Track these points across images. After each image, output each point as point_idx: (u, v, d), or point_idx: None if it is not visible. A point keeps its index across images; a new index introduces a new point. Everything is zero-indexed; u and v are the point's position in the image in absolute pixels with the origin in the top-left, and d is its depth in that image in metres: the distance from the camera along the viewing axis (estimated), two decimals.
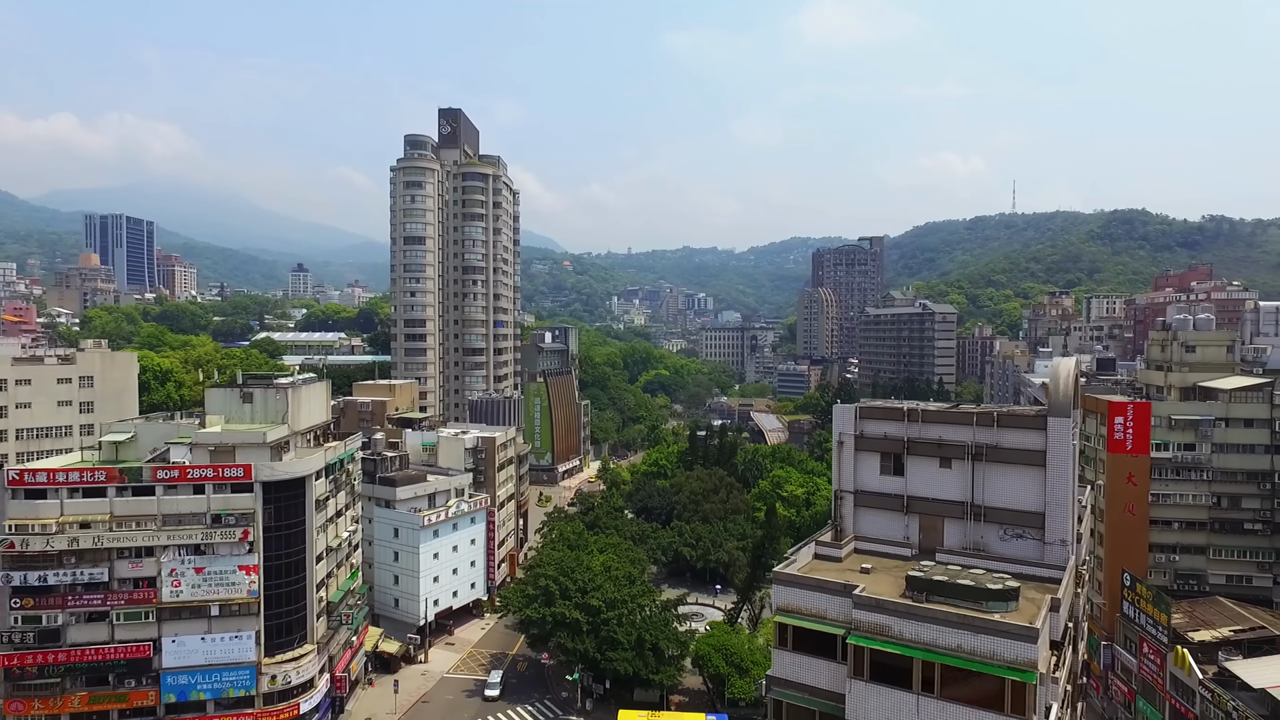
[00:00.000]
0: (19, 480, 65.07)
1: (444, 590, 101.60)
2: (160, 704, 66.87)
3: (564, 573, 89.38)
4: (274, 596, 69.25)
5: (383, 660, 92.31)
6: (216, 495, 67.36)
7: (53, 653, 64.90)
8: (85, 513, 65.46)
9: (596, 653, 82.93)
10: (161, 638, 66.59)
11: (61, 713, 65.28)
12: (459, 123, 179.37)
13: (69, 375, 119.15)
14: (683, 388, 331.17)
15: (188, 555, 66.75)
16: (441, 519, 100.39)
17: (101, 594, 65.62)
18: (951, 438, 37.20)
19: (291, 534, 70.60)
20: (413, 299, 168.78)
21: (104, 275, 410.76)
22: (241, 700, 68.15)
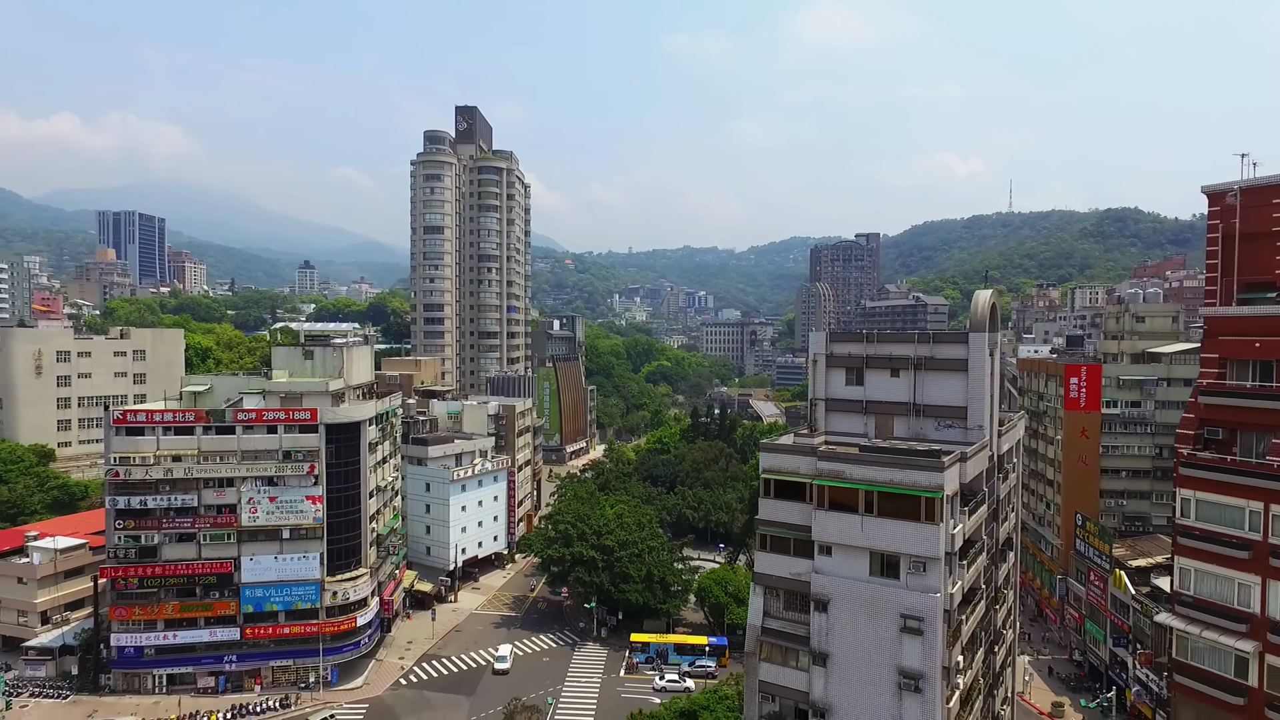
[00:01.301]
0: (122, 419, 76.10)
1: (470, 540, 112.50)
2: (239, 613, 77.81)
3: (581, 519, 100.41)
4: (334, 524, 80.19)
5: (417, 599, 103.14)
6: (287, 435, 78.36)
7: (150, 567, 75.90)
8: (177, 448, 76.45)
9: (610, 586, 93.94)
10: (241, 557, 77.54)
11: (158, 618, 76.29)
12: (474, 119, 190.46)
13: (124, 349, 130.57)
14: (684, 378, 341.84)
15: (263, 486, 77.71)
16: (468, 475, 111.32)
17: (190, 518, 76.59)
18: (899, 353, 48.02)
19: (348, 471, 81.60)
20: (432, 285, 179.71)
21: (120, 269, 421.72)
22: (307, 612, 79.06)
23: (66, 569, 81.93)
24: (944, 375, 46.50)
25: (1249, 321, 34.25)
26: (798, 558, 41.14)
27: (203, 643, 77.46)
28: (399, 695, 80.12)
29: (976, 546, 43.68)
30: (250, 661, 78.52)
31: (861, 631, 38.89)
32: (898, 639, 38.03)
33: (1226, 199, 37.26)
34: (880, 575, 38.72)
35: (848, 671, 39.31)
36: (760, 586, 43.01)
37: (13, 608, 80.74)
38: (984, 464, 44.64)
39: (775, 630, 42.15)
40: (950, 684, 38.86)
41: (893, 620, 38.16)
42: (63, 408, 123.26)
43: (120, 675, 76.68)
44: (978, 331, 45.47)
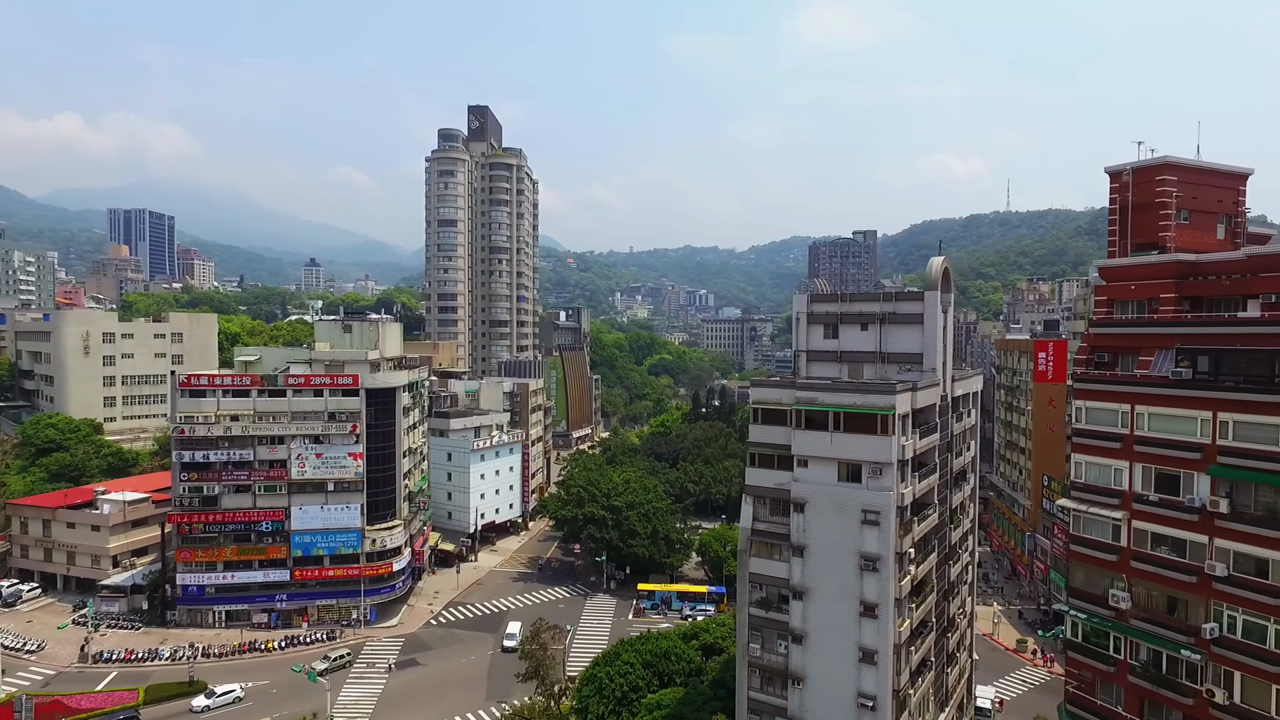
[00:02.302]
0: (186, 383, 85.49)
1: (489, 506, 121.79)
2: (290, 557, 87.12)
3: (591, 484, 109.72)
4: (373, 479, 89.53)
5: (441, 558, 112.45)
6: (332, 398, 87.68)
7: (211, 515, 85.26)
8: (235, 409, 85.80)
9: (619, 542, 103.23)
10: (290, 506, 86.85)
11: (217, 560, 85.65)
12: (486, 118, 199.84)
13: (163, 332, 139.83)
14: (685, 371, 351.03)
15: (310, 443, 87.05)
16: (487, 446, 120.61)
17: (246, 471, 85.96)
18: (867, 310, 57.16)
19: (385, 431, 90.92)
20: (445, 275, 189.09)
21: (133, 266, 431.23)
22: (349, 557, 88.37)
23: (133, 519, 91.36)
24: (904, 328, 55.74)
25: (1127, 269, 43.35)
26: (780, 470, 50.38)
27: (257, 583, 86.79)
28: (430, 632, 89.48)
29: (928, 466, 52.92)
30: (299, 600, 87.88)
31: (831, 526, 48.13)
32: (860, 530, 47.26)
33: (1123, 177, 46.31)
34: (846, 481, 47.93)
35: (820, 559, 48.57)
36: (750, 496, 52.31)
37: (87, 553, 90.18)
38: (935, 398, 53.87)
39: (763, 530, 51.45)
40: (903, 569, 48.07)
41: (856, 516, 47.40)
42: (108, 385, 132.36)
43: (184, 611, 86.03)
44: (931, 290, 54.76)
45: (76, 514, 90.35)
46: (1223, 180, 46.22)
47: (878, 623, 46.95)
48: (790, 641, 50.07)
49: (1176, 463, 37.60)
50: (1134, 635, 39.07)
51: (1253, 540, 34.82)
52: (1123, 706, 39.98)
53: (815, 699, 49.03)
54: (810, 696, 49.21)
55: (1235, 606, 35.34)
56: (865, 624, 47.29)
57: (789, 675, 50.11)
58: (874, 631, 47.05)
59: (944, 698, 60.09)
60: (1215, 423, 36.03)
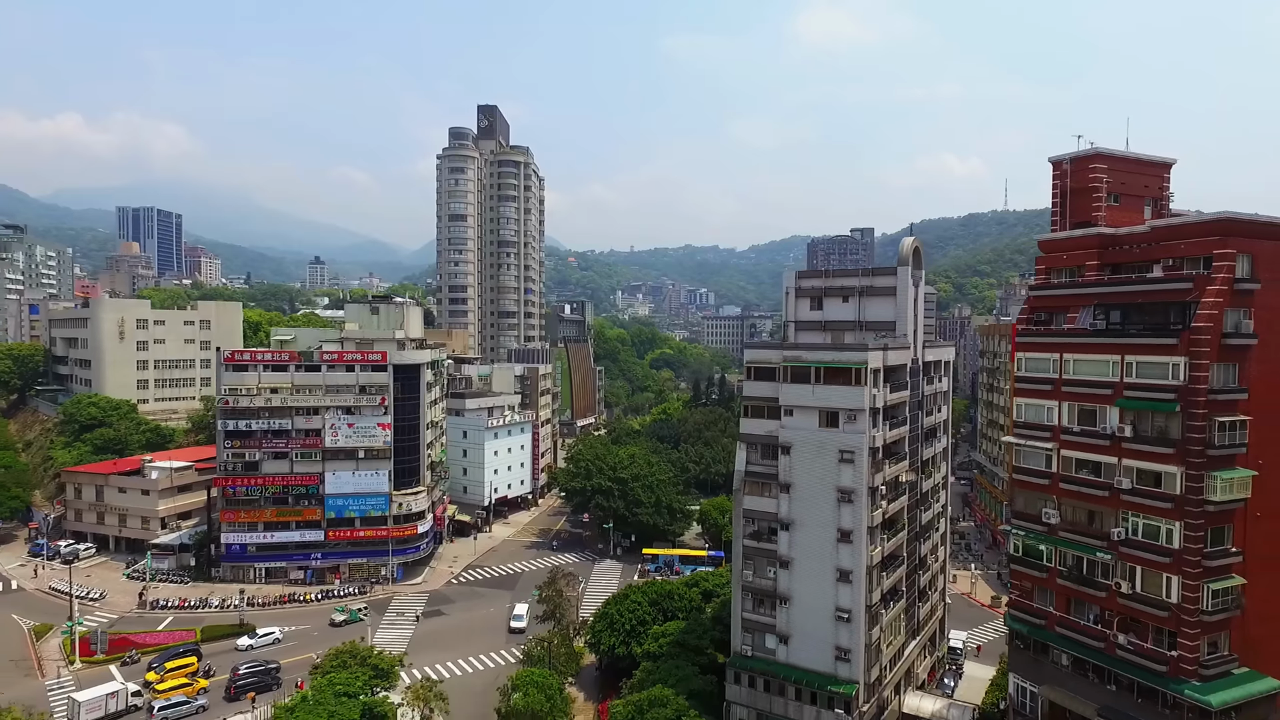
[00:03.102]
0: (231, 358, 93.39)
1: (501, 481, 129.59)
2: (324, 519, 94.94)
3: (599, 458, 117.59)
4: (399, 448, 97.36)
5: (458, 528, 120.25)
6: (362, 373, 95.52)
7: (253, 479, 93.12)
8: (274, 382, 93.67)
9: (625, 511, 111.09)
10: (324, 472, 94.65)
11: (258, 521, 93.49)
12: (494, 117, 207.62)
13: (193, 319, 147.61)
14: (686, 365, 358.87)
15: (343, 414, 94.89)
16: (499, 425, 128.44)
17: (284, 439, 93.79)
18: (848, 284, 65.00)
19: (410, 404, 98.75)
20: (455, 268, 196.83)
21: (144, 262, 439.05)
22: (378, 519, 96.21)
23: (179, 484, 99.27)
24: (880, 299, 63.71)
25: (1060, 242, 50.97)
26: (769, 419, 58.24)
27: (294, 542, 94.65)
28: (452, 589, 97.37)
29: (899, 418, 60.84)
30: (332, 559, 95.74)
31: (813, 466, 55.96)
32: (837, 468, 55.11)
33: (1062, 166, 53.88)
34: (826, 427, 55.76)
35: (804, 495, 56.41)
36: (743, 443, 60.26)
37: (138, 515, 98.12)
38: (906, 360, 61.77)
39: (754, 472, 59.36)
40: (875, 503, 55.94)
41: (834, 456, 55.24)
42: (141, 369, 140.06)
43: (228, 567, 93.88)
44: (903, 266, 62.74)
45: (128, 480, 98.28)
46: (1148, 169, 54.03)
47: (853, 547, 54.88)
48: (778, 567, 58.01)
49: (1094, 399, 45.28)
50: (1061, 545, 46.73)
51: (1150, 458, 42.48)
52: (1054, 606, 47.63)
53: (800, 615, 56.95)
54: (796, 613, 57.13)
55: (1137, 513, 42.97)
56: (842, 549, 55.24)
57: (777, 596, 58.04)
58: (850, 555, 54.98)
59: (915, 628, 68.04)
60: (1123, 364, 43.69)
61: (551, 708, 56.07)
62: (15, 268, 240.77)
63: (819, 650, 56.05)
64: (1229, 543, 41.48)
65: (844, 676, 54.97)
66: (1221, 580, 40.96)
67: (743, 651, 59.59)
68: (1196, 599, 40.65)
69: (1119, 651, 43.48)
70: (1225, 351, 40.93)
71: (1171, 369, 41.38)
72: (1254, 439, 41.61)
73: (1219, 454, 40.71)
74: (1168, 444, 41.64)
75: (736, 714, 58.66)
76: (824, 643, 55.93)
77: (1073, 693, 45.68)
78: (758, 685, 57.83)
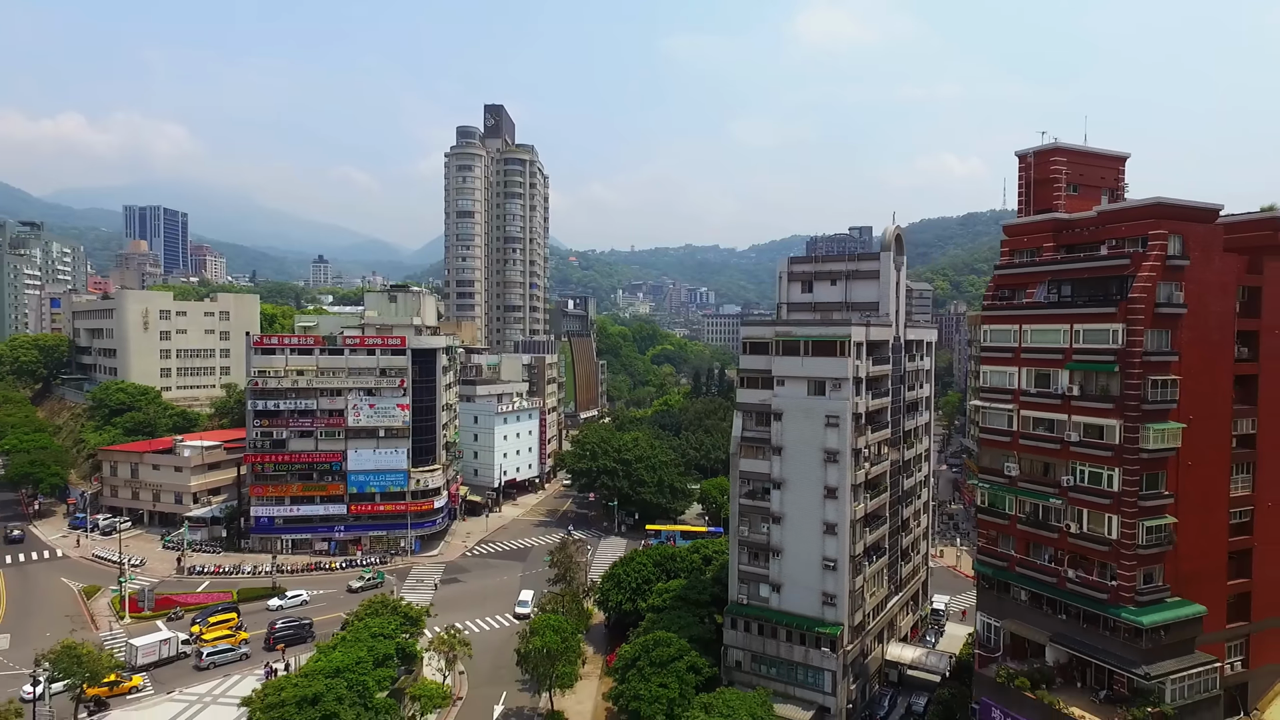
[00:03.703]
0: (260, 342, 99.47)
1: (510, 465, 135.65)
2: (346, 494, 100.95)
3: (604, 442, 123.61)
4: (417, 427, 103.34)
5: (470, 507, 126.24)
6: (383, 357, 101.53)
7: (280, 456, 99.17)
8: (300, 365, 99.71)
9: (629, 490, 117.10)
10: (347, 450, 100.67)
11: (285, 495, 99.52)
12: (500, 117, 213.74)
13: (213, 310, 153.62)
14: (686, 361, 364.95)
15: (364, 395, 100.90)
16: (509, 410, 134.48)
17: (310, 419, 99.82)
18: (836, 268, 70.95)
19: (427, 387, 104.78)
20: (463, 263, 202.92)
21: (151, 260, 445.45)
22: (397, 494, 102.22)
23: (209, 462, 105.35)
24: (865, 282, 69.73)
25: (1021, 227, 56.83)
26: (763, 390, 64.25)
27: (318, 515, 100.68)
28: (467, 560, 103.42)
29: (881, 389, 66.87)
30: (354, 531, 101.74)
31: (802, 430, 61.96)
32: (824, 432, 61.10)
33: (1027, 159, 59.83)
34: (814, 394, 61.76)
35: (793, 456, 62.40)
36: (740, 412, 66.27)
37: (171, 490, 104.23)
38: (888, 336, 67.81)
39: (749, 437, 65.37)
40: (858, 463, 61.96)
41: (821, 420, 61.23)
42: (165, 358, 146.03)
43: (257, 539, 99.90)
44: (886, 251, 68.79)
45: (162, 458, 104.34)
46: (1104, 161, 59.99)
47: (838, 503, 60.91)
48: (771, 523, 64.05)
49: (1047, 363, 51.13)
50: (1020, 494, 52.58)
51: (1094, 413, 48.33)
52: (1014, 550, 53.48)
53: (790, 565, 62.98)
54: (786, 564, 63.16)
55: (1084, 462, 48.81)
56: (828, 504, 61.26)
57: (770, 549, 64.06)
58: (835, 510, 61.02)
59: (898, 584, 74.06)
60: (1071, 332, 49.53)
61: (566, 648, 62.00)
62: (32, 263, 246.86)
63: (807, 597, 62.05)
64: (1162, 487, 47.39)
65: (830, 619, 60.98)
66: (1155, 519, 46.87)
67: (739, 600, 65.61)
68: (1133, 535, 46.56)
69: (1068, 585, 49.38)
70: (1158, 319, 46.86)
71: (1112, 334, 47.30)
72: (1185, 396, 47.53)
73: (1153, 408, 46.63)
74: (1109, 400, 47.56)
75: (733, 656, 64.65)
76: (812, 590, 61.93)
77: (1029, 624, 51.57)
78: (752, 629, 63.84)
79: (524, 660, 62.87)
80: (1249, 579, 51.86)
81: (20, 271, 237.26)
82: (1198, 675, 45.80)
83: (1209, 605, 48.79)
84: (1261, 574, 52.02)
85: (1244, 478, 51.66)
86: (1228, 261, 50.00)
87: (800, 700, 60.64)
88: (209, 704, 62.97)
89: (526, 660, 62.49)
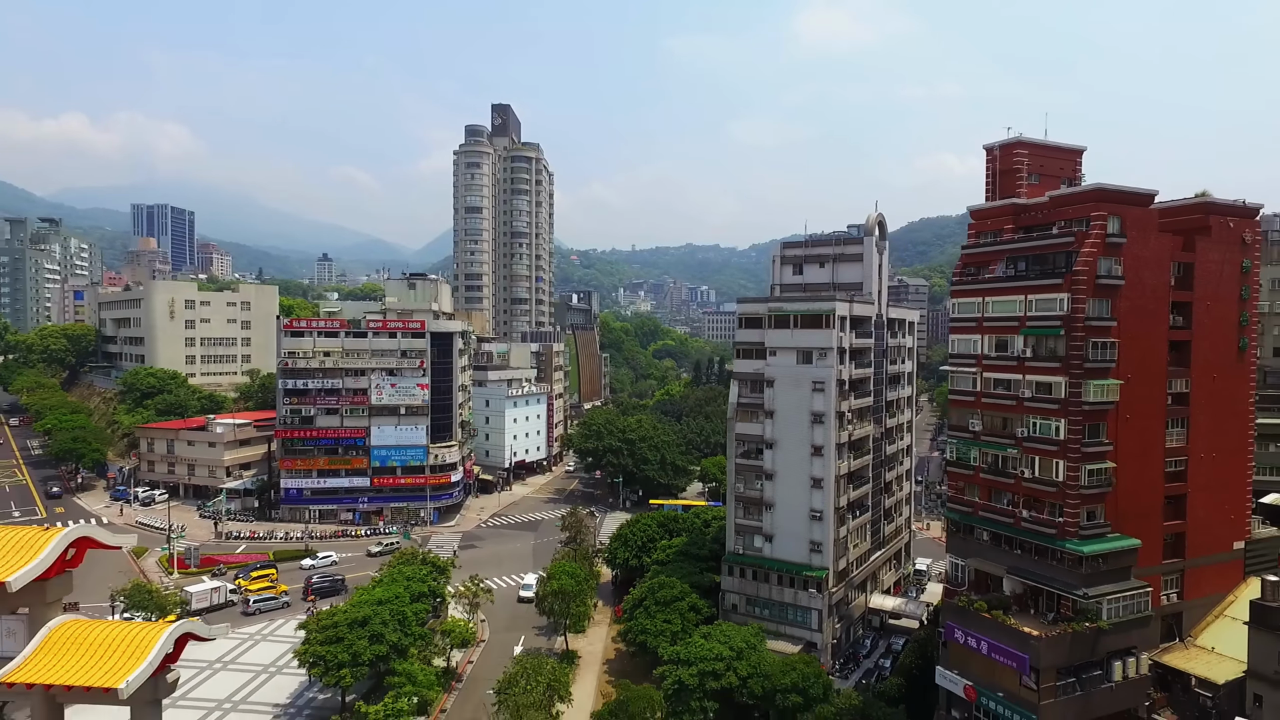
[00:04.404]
0: (289, 325, 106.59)
1: (520, 447, 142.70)
2: (369, 468, 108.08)
3: (609, 423, 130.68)
4: (435, 406, 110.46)
5: (482, 485, 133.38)
6: (404, 339, 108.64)
7: (308, 431, 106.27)
8: (327, 347, 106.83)
9: (634, 467, 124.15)
10: (370, 426, 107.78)
11: (312, 469, 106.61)
12: (508, 116, 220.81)
13: (235, 300, 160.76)
14: (687, 356, 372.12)
15: (386, 375, 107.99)
16: (518, 394, 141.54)
17: (335, 397, 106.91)
18: (824, 252, 77.96)
19: (445, 368, 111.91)
20: (471, 257, 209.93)
21: (161, 257, 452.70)
22: (417, 468, 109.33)
23: (241, 438, 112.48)
24: (850, 264, 76.79)
25: (985, 211, 63.64)
26: (757, 360, 71.31)
27: (343, 488, 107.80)
28: (482, 530, 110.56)
29: (864, 360, 73.90)
30: (376, 503, 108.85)
31: (792, 395, 68.98)
32: (811, 396, 68.13)
33: (994, 152, 66.67)
34: (802, 363, 68.81)
35: (784, 419, 69.45)
36: (735, 380, 73.35)
37: (205, 465, 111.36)
38: (870, 313, 74.88)
39: (745, 403, 72.44)
40: (842, 425, 69.00)
41: (808, 386, 68.27)
42: (189, 345, 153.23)
43: (286, 509, 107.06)
44: (869, 236, 75.86)
45: (197, 434, 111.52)
46: (1062, 154, 66.83)
47: (823, 460, 68.00)
48: (764, 479, 71.12)
49: (1006, 330, 57.96)
50: (983, 447, 59.40)
51: (1044, 372, 55.14)
52: (978, 497, 60.34)
53: (781, 517, 70.05)
54: (777, 516, 70.24)
55: (1036, 415, 55.62)
56: (815, 461, 68.35)
57: (763, 503, 71.16)
58: (821, 466, 68.11)
59: (880, 541, 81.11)
60: (1026, 302, 56.40)
61: (579, 590, 69.06)
62: (52, 258, 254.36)
63: (797, 545, 69.11)
64: (1103, 436, 54.22)
65: (817, 564, 68.03)
66: (1096, 464, 53.69)
67: (735, 550, 72.67)
68: (1077, 478, 53.40)
69: (1023, 524, 56.17)
70: (1099, 289, 53.68)
71: (1059, 303, 54.14)
72: (1123, 357, 54.39)
73: (1094, 367, 53.47)
74: (1056, 360, 54.43)
75: (730, 600, 71.72)
76: (800, 539, 68.99)
77: (990, 560, 58.35)
78: (747, 575, 70.93)
79: (541, 602, 69.95)
80: (1184, 521, 58.71)
81: (41, 266, 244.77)
82: (1131, 598, 52.64)
83: (1147, 543, 55.66)
84: (1195, 516, 58.86)
85: (1179, 431, 58.52)
86: (1163, 240, 56.90)
87: (790, 637, 67.65)
88: (259, 641, 70.19)
89: (544, 603, 69.55)
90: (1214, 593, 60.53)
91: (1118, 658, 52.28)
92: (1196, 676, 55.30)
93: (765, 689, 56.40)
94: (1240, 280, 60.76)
